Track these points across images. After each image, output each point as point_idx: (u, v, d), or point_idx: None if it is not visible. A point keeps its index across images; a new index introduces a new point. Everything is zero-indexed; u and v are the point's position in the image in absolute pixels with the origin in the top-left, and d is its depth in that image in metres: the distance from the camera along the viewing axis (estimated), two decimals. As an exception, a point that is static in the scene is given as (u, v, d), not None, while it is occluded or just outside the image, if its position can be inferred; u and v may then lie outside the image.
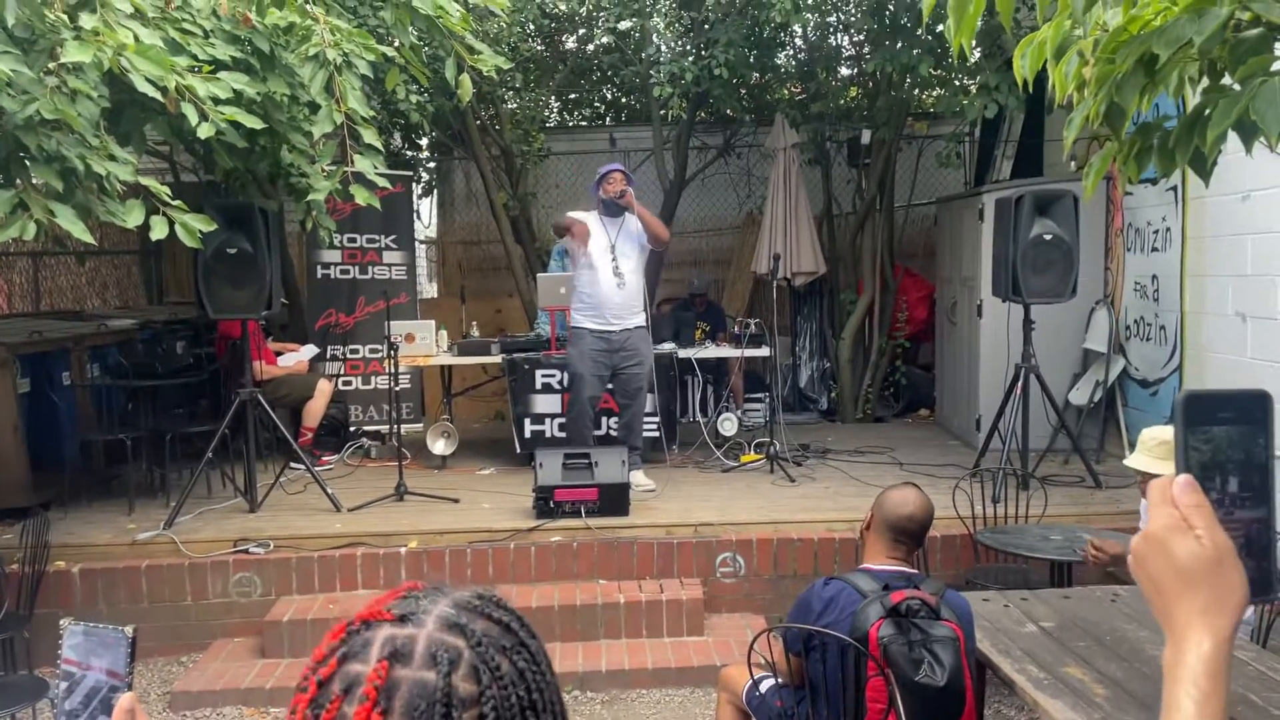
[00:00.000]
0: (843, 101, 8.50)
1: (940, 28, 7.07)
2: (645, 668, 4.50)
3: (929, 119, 8.94)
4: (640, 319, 6.00)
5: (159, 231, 3.37)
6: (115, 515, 5.53)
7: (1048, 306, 5.82)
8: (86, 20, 3.04)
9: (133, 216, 3.42)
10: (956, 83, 7.39)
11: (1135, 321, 6.38)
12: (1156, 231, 6.09)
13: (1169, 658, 0.82)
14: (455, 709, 0.78)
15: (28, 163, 3.21)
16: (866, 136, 8.05)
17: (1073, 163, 6.70)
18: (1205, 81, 1.57)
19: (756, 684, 2.94)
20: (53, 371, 6.17)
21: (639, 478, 5.82)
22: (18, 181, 3.20)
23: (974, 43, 7.36)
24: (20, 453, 5.69)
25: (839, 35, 8.52)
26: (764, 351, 6.91)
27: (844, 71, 8.87)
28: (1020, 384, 5.69)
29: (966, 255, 7.30)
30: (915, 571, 2.79)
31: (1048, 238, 5.53)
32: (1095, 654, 2.72)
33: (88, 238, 3.22)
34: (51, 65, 3.14)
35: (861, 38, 8.26)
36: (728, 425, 6.86)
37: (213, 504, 5.69)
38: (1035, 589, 3.46)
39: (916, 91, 8.42)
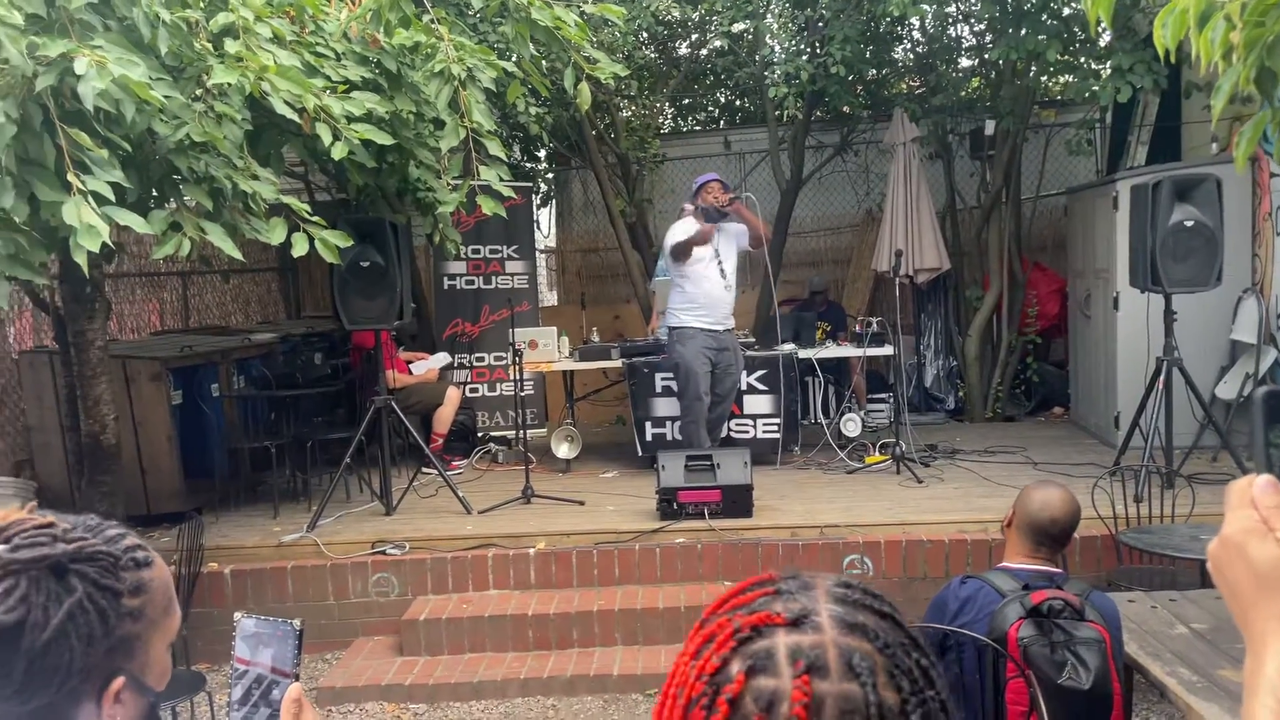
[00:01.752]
0: (964, 93, 8.28)
1: (1067, 11, 6.82)
2: (773, 670, 4.46)
3: (1056, 106, 8.63)
4: (734, 321, 6.32)
5: (300, 248, 3.54)
6: (261, 519, 5.81)
7: (1190, 296, 5.54)
8: (230, 45, 3.24)
9: (276, 234, 3.61)
10: (1086, 67, 7.11)
11: (1288, 310, 6.01)
12: (1310, 214, 5.73)
13: (1249, 667, 0.77)
14: None
15: (180, 184, 3.43)
16: (990, 127, 7.83)
17: (1214, 144, 6.36)
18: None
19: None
20: (202, 384, 6.52)
21: None
22: (171, 201, 3.42)
23: (1102, 24, 7.09)
24: (174, 461, 6.04)
25: (959, 25, 8.31)
26: (887, 350, 6.79)
27: (965, 62, 8.64)
28: (1163, 378, 5.43)
29: (1100, 246, 7.00)
30: (1058, 571, 2.69)
31: (1189, 224, 5.27)
32: (1254, 658, 2.58)
33: (236, 254, 3.41)
34: (199, 90, 3.34)
35: (983, 27, 8.04)
36: (851, 426, 6.76)
37: (351, 507, 5.92)
38: (1184, 590, 3.30)
39: (1043, 79, 8.14)
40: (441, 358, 7.36)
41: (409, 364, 7.21)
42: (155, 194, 3.57)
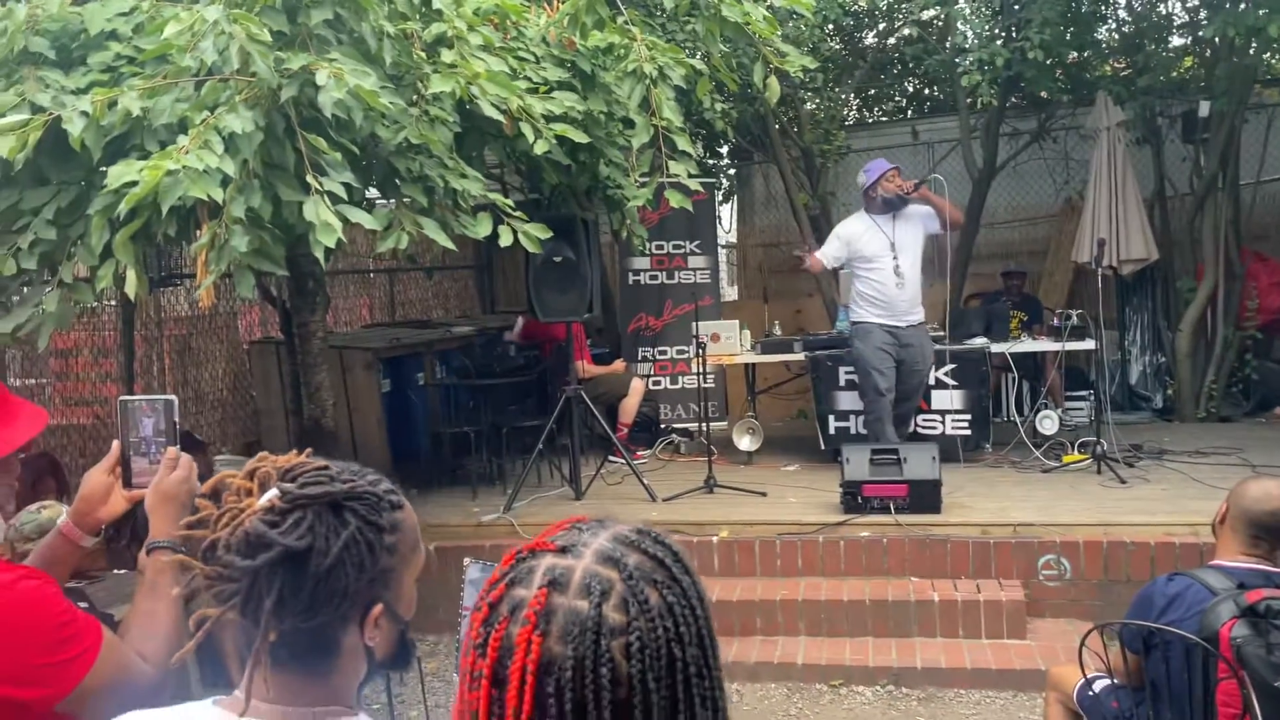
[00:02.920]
0: (1175, 73, 7.79)
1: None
2: (963, 667, 4.39)
3: (1281, 85, 7.99)
4: (921, 314, 6.12)
5: (505, 239, 3.77)
6: (462, 500, 6.16)
7: None
8: (446, 55, 3.49)
9: (482, 228, 3.85)
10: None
11: None
12: None
13: None
14: (604, 637, 0.83)
15: (399, 184, 3.72)
16: (1205, 109, 7.33)
17: None
18: None
19: (1090, 683, 2.81)
20: (409, 373, 6.98)
21: None
22: (391, 200, 3.72)
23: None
24: (384, 443, 6.50)
25: (1169, 1, 7.83)
26: (1087, 345, 6.48)
27: (1176, 40, 8.12)
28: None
29: (1332, 233, 6.45)
30: (1277, 570, 2.54)
31: None
32: None
33: (450, 245, 3.68)
34: (415, 96, 3.61)
35: (1196, 2, 7.54)
36: (1047, 424, 6.49)
37: (543, 492, 6.19)
38: None
39: (1265, 55, 7.55)
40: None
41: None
42: (378, 193, 3.89)
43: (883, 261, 5.92)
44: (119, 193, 3.07)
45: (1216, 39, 7.01)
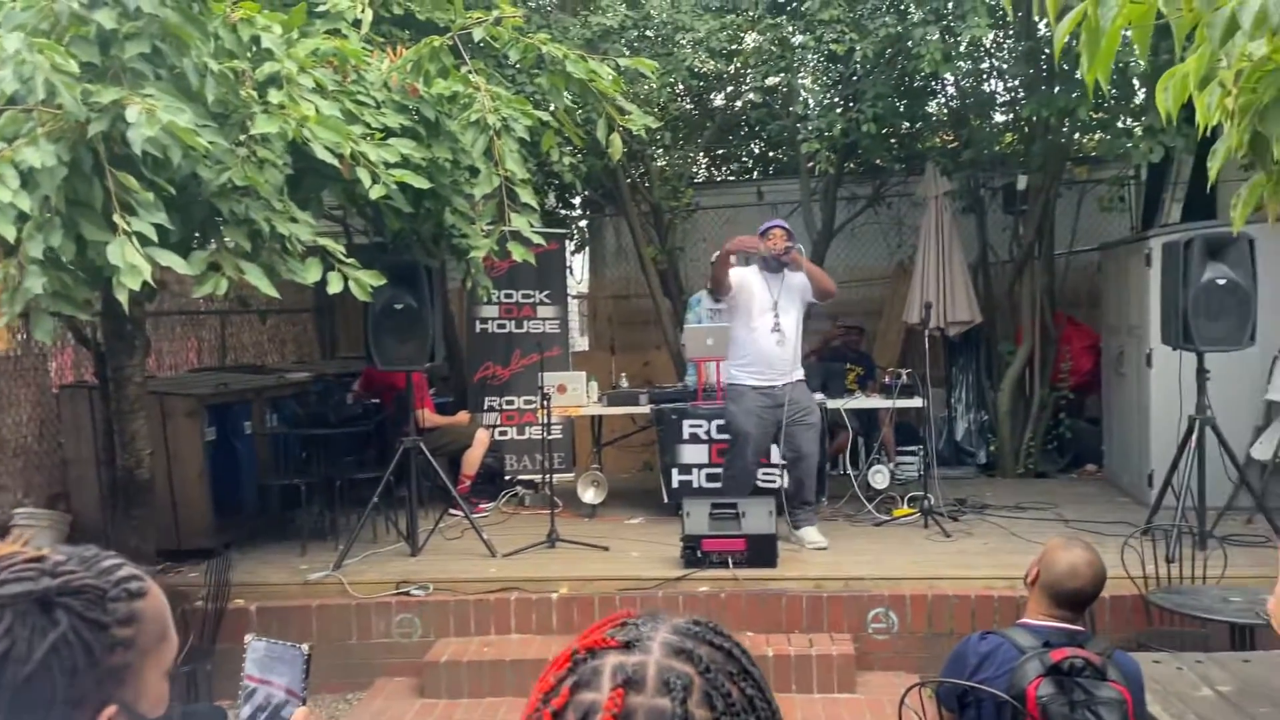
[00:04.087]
0: (997, 147, 8.31)
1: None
2: (794, 723, 4.42)
3: (1089, 163, 8.63)
4: (800, 373, 5.99)
5: (334, 286, 3.64)
6: (289, 556, 5.86)
7: (1224, 356, 5.49)
8: (274, 96, 3.36)
9: (311, 273, 3.70)
10: (1119, 125, 7.13)
11: (1326, 371, 5.93)
12: (1347, 274, 5.67)
13: None
14: None
15: (221, 226, 3.54)
16: (1023, 182, 7.85)
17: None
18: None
19: (908, 741, 2.85)
20: (236, 421, 6.62)
21: (811, 535, 5.79)
22: (212, 242, 3.53)
23: (1139, 85, 7.14)
24: (206, 496, 6.12)
25: (992, 81, 8.37)
26: (916, 402, 6.75)
27: (998, 117, 8.69)
28: (1195, 437, 5.36)
29: (1134, 303, 6.97)
30: (1081, 630, 2.66)
31: (1221, 282, 5.24)
32: (1281, 724, 2.53)
33: (273, 292, 3.51)
34: (242, 137, 3.46)
35: (1016, 83, 8.09)
36: (879, 478, 6.71)
37: (377, 548, 5.96)
38: (1214, 653, 3.24)
39: (1076, 135, 8.17)
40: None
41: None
42: (197, 235, 3.68)
43: (765, 318, 5.77)
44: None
45: (1034, 118, 7.52)
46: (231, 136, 3.45)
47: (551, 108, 4.81)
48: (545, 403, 6.20)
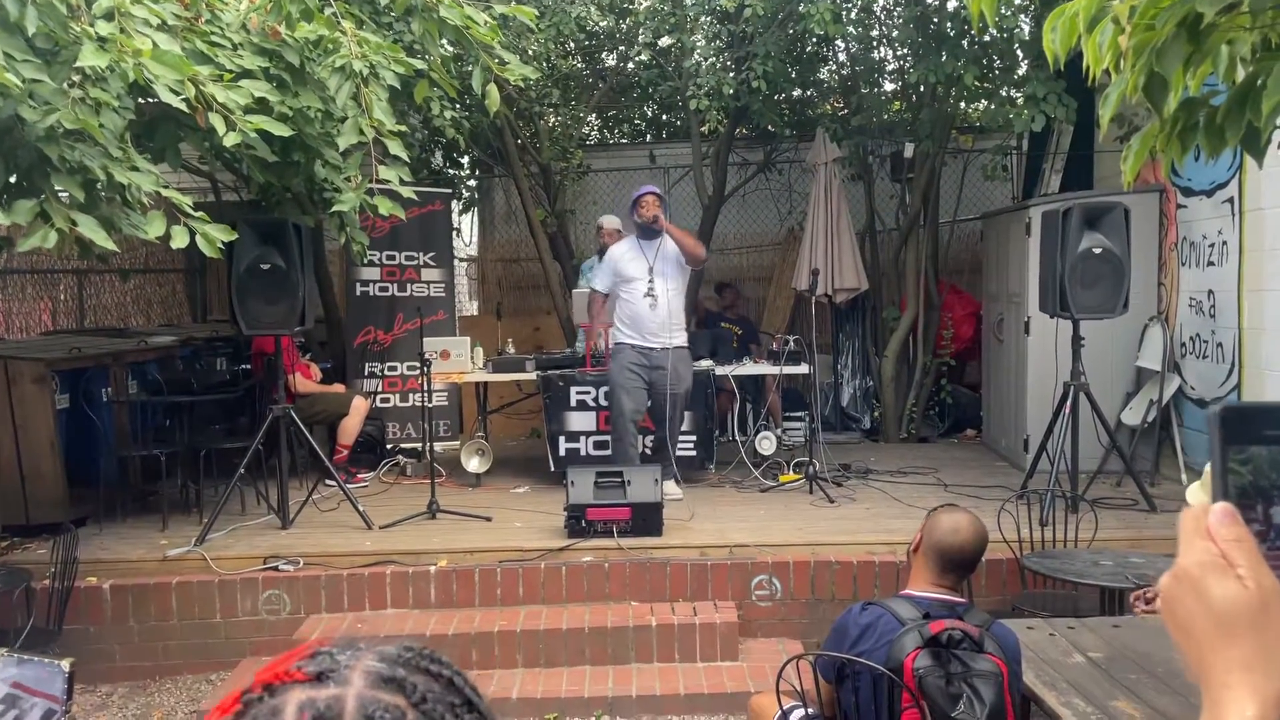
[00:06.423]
0: (886, 115, 8.35)
1: (986, 37, 6.91)
2: (677, 693, 4.36)
3: (974, 132, 8.75)
4: (682, 339, 6.14)
5: (179, 240, 3.34)
6: (149, 531, 5.52)
7: (1098, 323, 5.63)
8: (103, 28, 3.03)
9: (154, 227, 3.40)
10: (1003, 94, 7.22)
11: (1191, 338, 6.14)
12: (1212, 245, 5.86)
13: (1206, 719, 0.68)
14: None
15: (50, 173, 3.20)
16: (909, 150, 7.89)
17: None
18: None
19: (786, 714, 2.80)
20: (91, 388, 6.20)
21: (669, 486, 5.86)
22: (41, 192, 3.19)
23: (1022, 55, 7.23)
24: (57, 469, 5.71)
25: (882, 48, 8.38)
26: (803, 369, 6.75)
27: (888, 85, 8.72)
28: (1069, 403, 5.48)
29: (1013, 271, 7.10)
30: (961, 600, 2.62)
31: (1097, 251, 5.34)
32: (1146, 687, 2.55)
33: (110, 246, 3.19)
34: (75, 77, 3.12)
35: (905, 50, 8.12)
36: (766, 444, 6.70)
37: (246, 520, 5.66)
38: (1084, 616, 3.28)
39: (962, 105, 8.25)
40: None
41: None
42: (25, 183, 3.33)
43: (638, 285, 5.98)
44: None
45: (921, 86, 7.55)
46: (61, 75, 3.11)
47: (428, 57, 4.55)
48: (426, 369, 5.97)
